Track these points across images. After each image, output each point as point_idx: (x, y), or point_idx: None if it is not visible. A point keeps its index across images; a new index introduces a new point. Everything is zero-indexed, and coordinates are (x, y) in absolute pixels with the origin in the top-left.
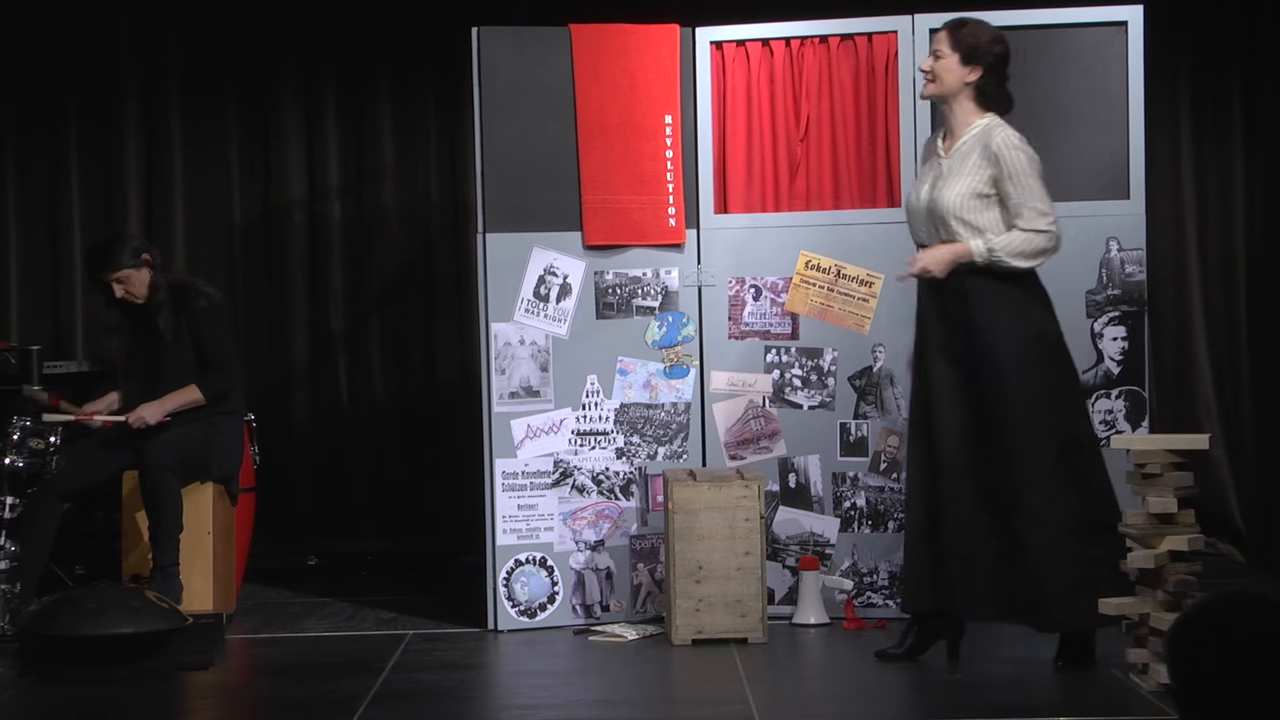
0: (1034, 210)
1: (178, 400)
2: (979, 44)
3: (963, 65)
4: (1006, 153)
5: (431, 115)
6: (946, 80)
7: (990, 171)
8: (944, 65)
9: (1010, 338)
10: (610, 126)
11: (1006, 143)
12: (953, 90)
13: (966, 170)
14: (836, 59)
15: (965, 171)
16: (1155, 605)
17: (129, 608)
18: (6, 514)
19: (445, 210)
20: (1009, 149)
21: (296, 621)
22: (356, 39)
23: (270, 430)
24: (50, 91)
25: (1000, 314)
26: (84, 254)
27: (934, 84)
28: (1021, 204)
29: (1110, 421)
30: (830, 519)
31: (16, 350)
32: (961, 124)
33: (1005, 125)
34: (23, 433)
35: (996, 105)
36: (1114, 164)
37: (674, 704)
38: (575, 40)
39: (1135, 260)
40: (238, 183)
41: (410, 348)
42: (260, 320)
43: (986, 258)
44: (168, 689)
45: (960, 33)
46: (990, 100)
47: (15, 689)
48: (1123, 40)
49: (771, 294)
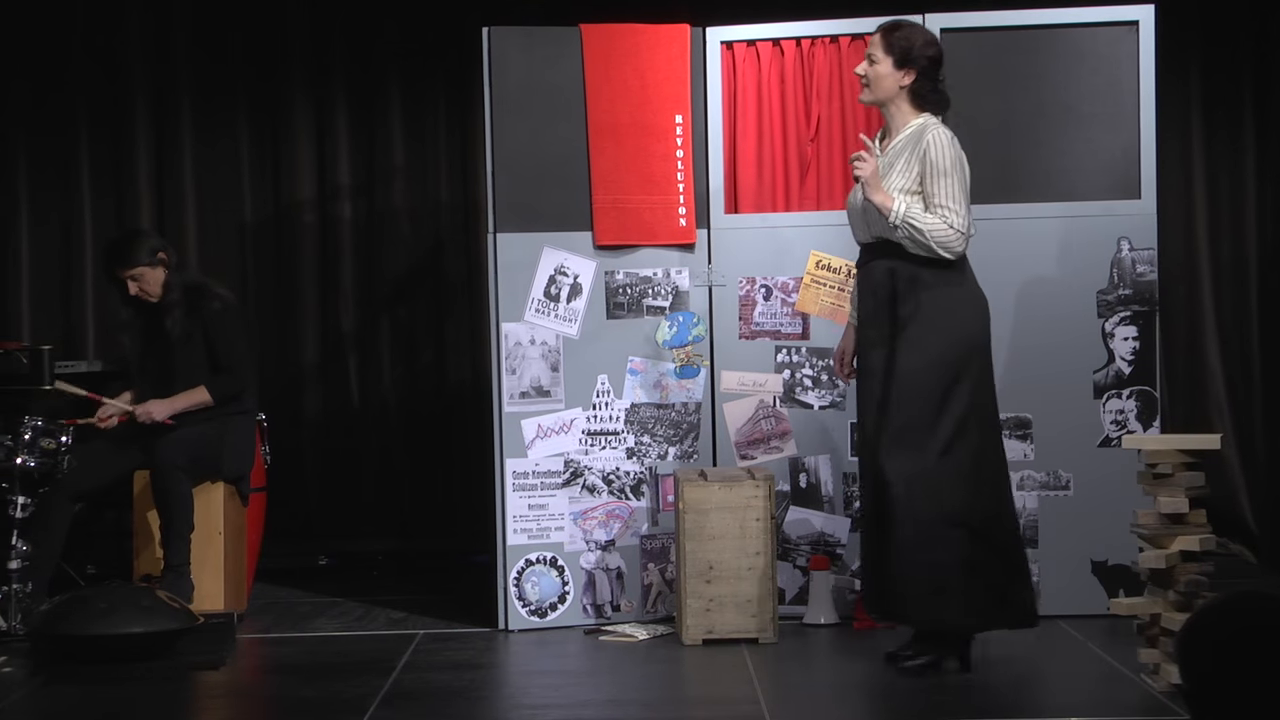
0: (947, 209)
1: (186, 401)
2: (913, 47)
3: (897, 69)
4: (932, 151)
5: (442, 115)
6: (882, 86)
7: (918, 170)
8: (878, 70)
9: (926, 334)
10: (621, 126)
11: (935, 141)
12: (889, 94)
13: (897, 169)
14: (847, 59)
15: (896, 170)
16: (1166, 605)
17: (140, 607)
18: (18, 514)
19: (456, 210)
20: (935, 147)
21: (307, 621)
22: (367, 39)
23: (281, 430)
24: (61, 91)
25: (923, 309)
26: (101, 249)
27: (869, 89)
28: (939, 204)
29: (1121, 421)
30: (841, 519)
31: (28, 350)
32: (899, 125)
33: (939, 125)
34: (34, 433)
35: (933, 106)
36: (1125, 163)
37: (684, 704)
38: (586, 40)
39: (1146, 260)
40: (248, 183)
41: (421, 347)
42: (271, 320)
43: (899, 218)
44: (179, 688)
45: (894, 37)
46: (926, 102)
47: (27, 688)
48: (1134, 39)
49: (782, 294)
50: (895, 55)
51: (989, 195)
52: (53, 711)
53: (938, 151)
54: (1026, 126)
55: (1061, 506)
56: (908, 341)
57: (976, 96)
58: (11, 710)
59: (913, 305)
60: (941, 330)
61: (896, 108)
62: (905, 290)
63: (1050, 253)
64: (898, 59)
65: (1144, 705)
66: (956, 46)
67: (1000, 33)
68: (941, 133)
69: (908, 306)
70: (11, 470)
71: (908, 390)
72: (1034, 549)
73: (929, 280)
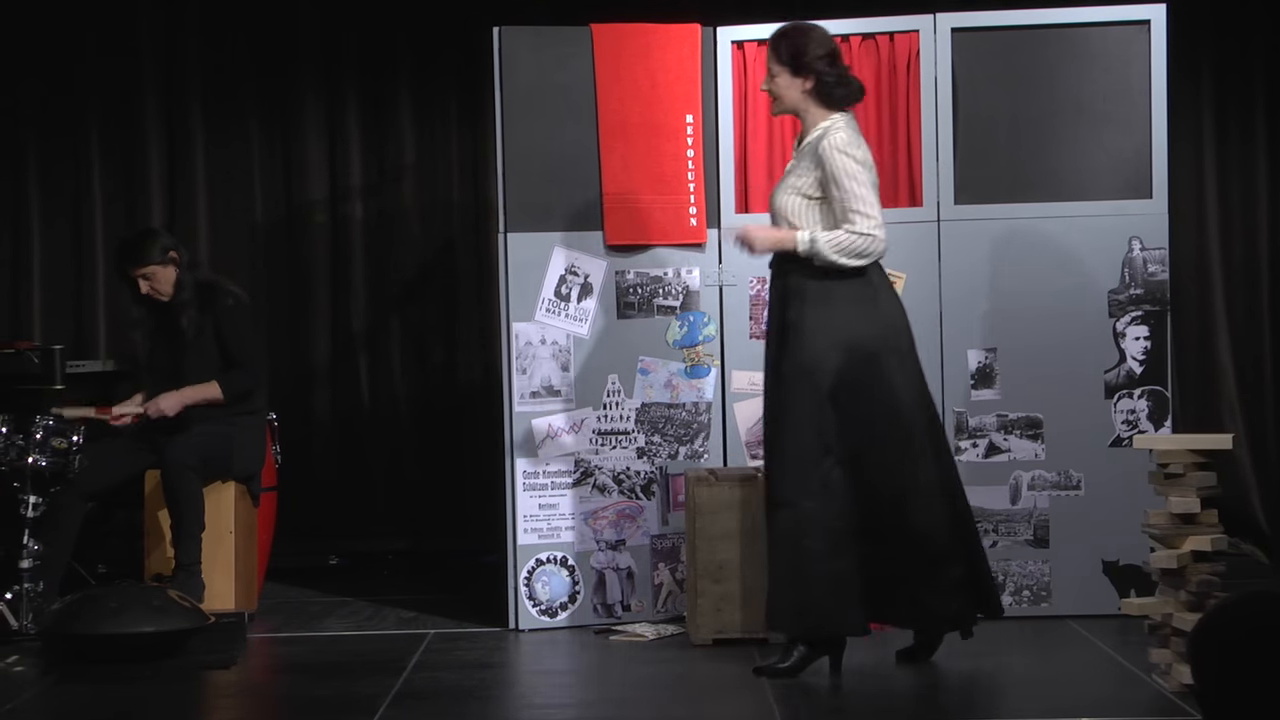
0: (856, 213)
1: (197, 394)
2: (803, 53)
3: (794, 77)
4: (830, 155)
5: (453, 115)
6: (787, 97)
7: (817, 174)
8: (779, 83)
9: (813, 337)
10: (631, 126)
11: (833, 145)
12: (796, 103)
13: (799, 172)
14: (858, 58)
15: (798, 173)
16: (1178, 605)
17: (151, 606)
18: (30, 513)
19: (466, 210)
20: (833, 151)
21: (318, 621)
22: (378, 39)
23: (292, 430)
24: (72, 92)
25: (810, 314)
26: (113, 248)
27: (777, 103)
28: (845, 207)
29: (1133, 421)
30: None
31: (40, 350)
32: (810, 127)
33: (843, 128)
34: (45, 432)
35: (843, 101)
36: (1137, 163)
37: (695, 704)
38: (596, 40)
39: (1158, 259)
40: (260, 183)
41: (431, 347)
42: (282, 320)
43: (808, 248)
44: (189, 688)
45: (782, 47)
46: (834, 99)
47: (38, 687)
48: (1145, 39)
49: None
50: (789, 65)
51: (1001, 195)
52: (64, 710)
53: (835, 158)
54: (1038, 126)
55: (1073, 506)
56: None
57: (987, 97)
58: (23, 709)
59: (796, 312)
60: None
61: (806, 112)
62: (793, 296)
63: (1061, 252)
64: (793, 68)
65: (1155, 706)
66: (967, 46)
67: (1011, 32)
68: (841, 137)
69: (792, 312)
70: (23, 469)
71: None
72: (1045, 549)
73: (814, 290)
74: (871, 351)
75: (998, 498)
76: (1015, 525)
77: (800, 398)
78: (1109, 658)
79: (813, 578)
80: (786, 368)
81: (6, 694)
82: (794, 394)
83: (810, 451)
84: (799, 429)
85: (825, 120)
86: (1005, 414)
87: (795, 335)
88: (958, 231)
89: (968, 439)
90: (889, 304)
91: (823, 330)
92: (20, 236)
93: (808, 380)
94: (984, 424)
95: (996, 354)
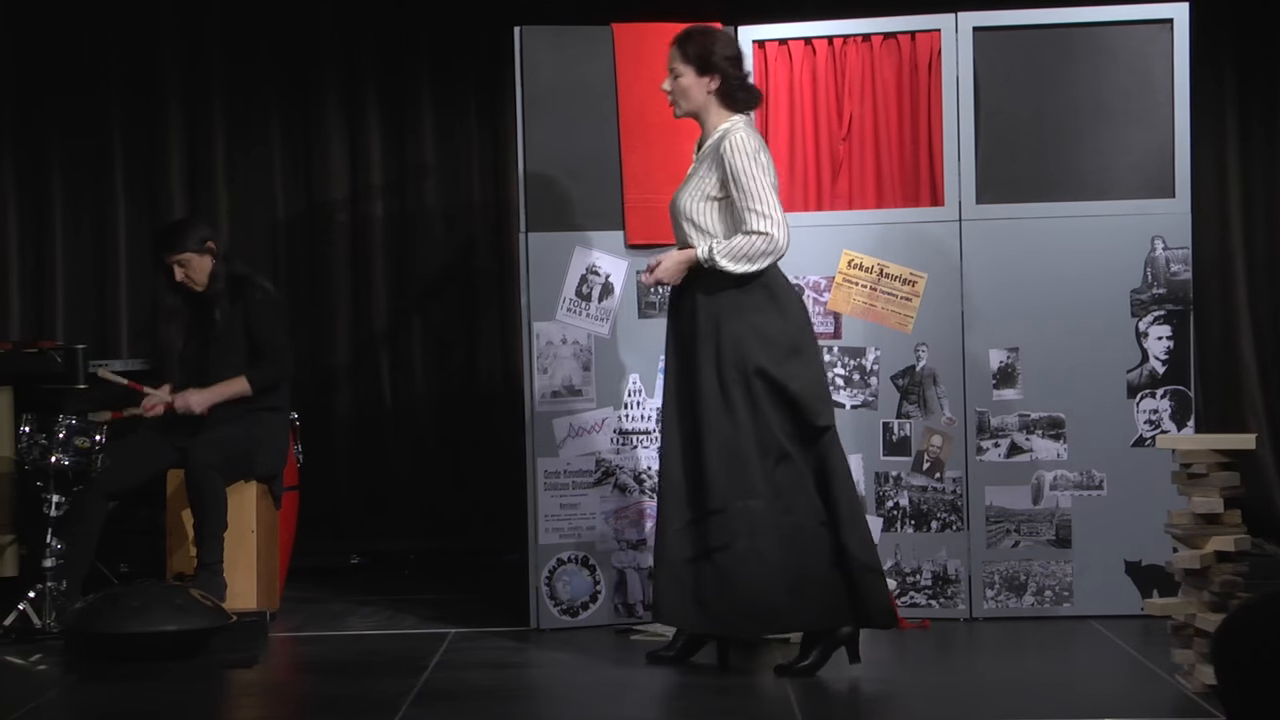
0: (754, 213)
1: (226, 391)
2: (711, 53)
3: (700, 76)
4: (730, 156)
5: (473, 114)
6: (691, 96)
7: (718, 175)
8: (683, 83)
9: (720, 341)
10: (652, 126)
11: (733, 146)
12: (699, 103)
13: (700, 173)
14: (880, 58)
15: (700, 175)
16: (1201, 606)
17: (173, 605)
18: (53, 512)
19: (487, 209)
20: (733, 152)
21: (339, 620)
22: (398, 39)
23: (313, 429)
24: (94, 92)
25: (715, 318)
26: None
27: (679, 103)
28: (744, 207)
29: (1155, 421)
30: (873, 518)
31: (62, 349)
32: (710, 129)
33: (743, 129)
34: (68, 431)
35: (744, 105)
36: (1159, 162)
37: (716, 702)
38: (617, 39)
39: (1180, 259)
40: (280, 182)
41: (452, 347)
42: (303, 319)
43: (709, 261)
44: (211, 687)
45: (689, 47)
46: (736, 102)
47: (61, 686)
48: (1167, 37)
49: (814, 293)
50: (695, 64)
51: (1023, 194)
52: (87, 709)
53: (736, 158)
54: (1059, 126)
55: (1095, 506)
56: (701, 355)
57: (1010, 96)
58: (46, 708)
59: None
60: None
61: (708, 113)
62: (700, 310)
63: (1083, 252)
64: (699, 67)
65: (1178, 706)
66: (990, 46)
67: (1033, 31)
68: (741, 137)
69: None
70: (46, 468)
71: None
72: (1067, 549)
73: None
74: (787, 349)
75: (1019, 498)
76: (1037, 525)
77: (730, 403)
78: (1131, 658)
79: (766, 577)
80: (705, 379)
81: (30, 692)
82: (723, 400)
83: (748, 452)
84: (734, 433)
85: (725, 122)
86: (1027, 414)
87: (707, 345)
88: (979, 231)
89: (989, 439)
90: (793, 306)
91: (741, 337)
92: (43, 237)
93: (737, 385)
94: (1006, 424)
95: (1018, 353)
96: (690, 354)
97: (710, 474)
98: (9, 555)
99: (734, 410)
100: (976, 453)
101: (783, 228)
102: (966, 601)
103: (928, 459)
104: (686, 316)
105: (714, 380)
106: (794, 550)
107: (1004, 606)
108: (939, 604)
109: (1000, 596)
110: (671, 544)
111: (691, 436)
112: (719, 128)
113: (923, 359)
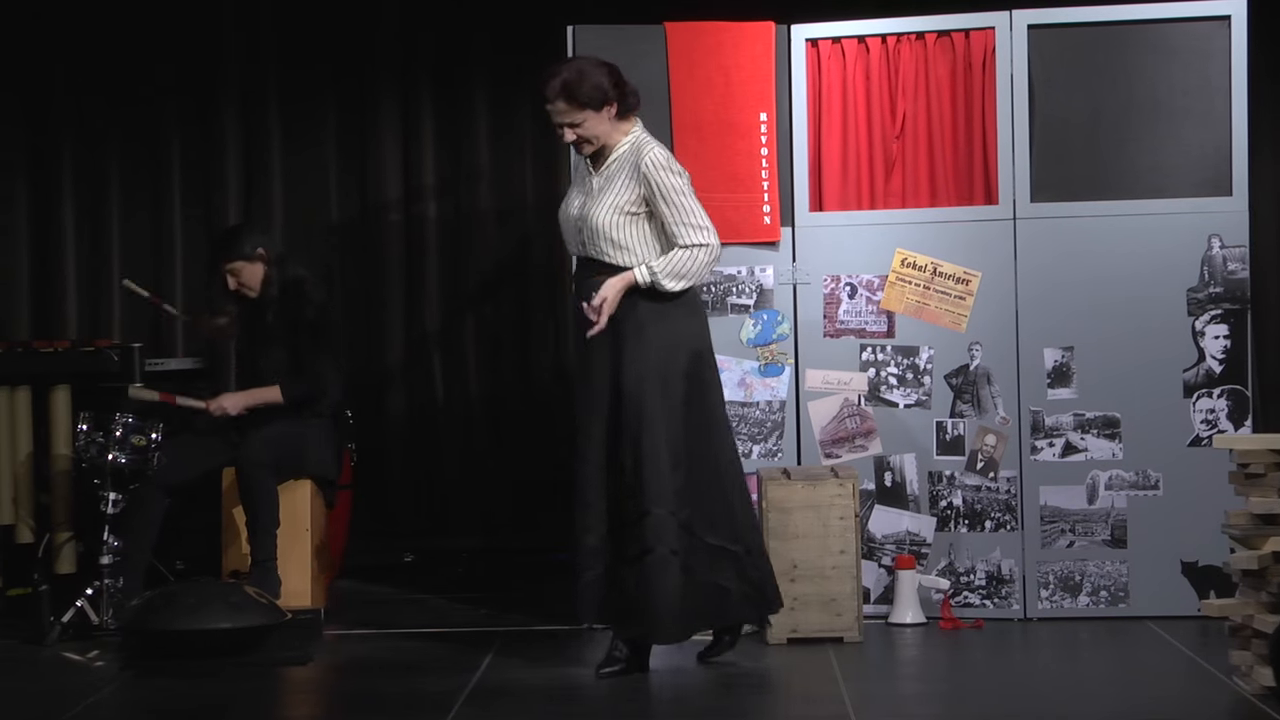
0: (690, 227)
1: (259, 397)
2: (598, 86)
3: (600, 111)
4: (655, 174)
5: (527, 114)
6: (599, 132)
7: (639, 190)
8: (589, 128)
9: (649, 350)
10: (705, 124)
11: (654, 163)
12: (608, 133)
13: (614, 188)
14: (933, 55)
15: (613, 190)
16: (1259, 607)
17: (228, 603)
18: (110, 509)
19: (541, 209)
20: (657, 170)
21: (392, 618)
22: (453, 39)
23: (366, 428)
24: (151, 93)
25: (643, 327)
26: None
27: (591, 144)
28: (677, 222)
29: (1212, 421)
30: (926, 518)
31: (119, 348)
32: (612, 143)
33: (654, 142)
34: (125, 429)
35: (634, 106)
36: (1216, 159)
37: (769, 703)
38: (670, 38)
39: (1238, 257)
40: (335, 183)
41: (505, 346)
42: (357, 319)
43: (649, 281)
44: (265, 684)
45: (576, 93)
46: (628, 108)
47: (118, 682)
48: (1225, 34)
49: (867, 292)
50: (591, 105)
51: (1078, 193)
52: (144, 705)
53: (661, 176)
54: (1116, 123)
55: (1151, 506)
56: (629, 357)
57: (1065, 93)
58: (103, 703)
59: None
60: (657, 341)
61: (611, 134)
62: (625, 318)
63: (1140, 250)
64: (595, 104)
65: (1235, 708)
66: (1045, 43)
67: (1089, 29)
68: (658, 153)
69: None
70: (103, 466)
71: (637, 406)
72: (1123, 549)
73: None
74: (705, 356)
75: (1075, 497)
76: (1092, 525)
77: (652, 407)
78: (1188, 659)
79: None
80: (630, 381)
81: (87, 688)
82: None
83: (664, 459)
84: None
85: (627, 136)
86: (1082, 413)
87: (637, 347)
88: (1034, 230)
89: (1044, 438)
90: (703, 310)
91: (665, 340)
92: (100, 236)
93: (658, 389)
94: (1060, 423)
95: (1073, 353)
96: (616, 359)
97: (627, 482)
98: (67, 552)
99: (653, 417)
100: (1031, 452)
101: (715, 231)
102: (1021, 602)
103: (981, 458)
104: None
105: (637, 386)
106: (704, 554)
107: (1059, 607)
108: (993, 604)
109: (1055, 597)
110: (592, 552)
111: (611, 442)
112: (622, 142)
113: (977, 358)
